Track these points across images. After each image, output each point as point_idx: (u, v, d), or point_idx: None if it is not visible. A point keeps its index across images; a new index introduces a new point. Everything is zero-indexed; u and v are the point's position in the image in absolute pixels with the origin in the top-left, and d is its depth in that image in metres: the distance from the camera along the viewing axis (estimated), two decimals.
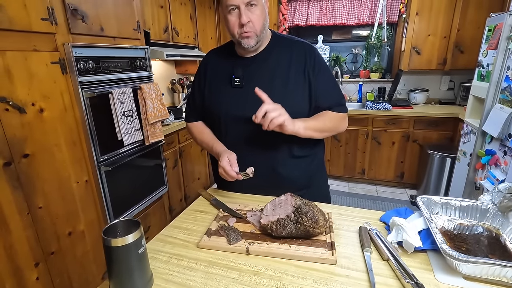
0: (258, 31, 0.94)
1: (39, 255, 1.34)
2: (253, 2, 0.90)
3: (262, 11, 0.94)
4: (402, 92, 3.36)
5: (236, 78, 1.01)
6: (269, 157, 1.01)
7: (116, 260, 0.58)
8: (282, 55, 1.02)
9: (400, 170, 3.05)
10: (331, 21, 3.33)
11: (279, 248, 0.73)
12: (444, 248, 0.63)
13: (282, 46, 1.03)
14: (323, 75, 1.02)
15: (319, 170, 1.15)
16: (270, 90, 0.96)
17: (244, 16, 0.90)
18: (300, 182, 1.06)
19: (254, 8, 0.91)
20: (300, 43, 1.05)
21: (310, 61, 1.01)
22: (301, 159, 1.05)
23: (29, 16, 1.22)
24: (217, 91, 1.05)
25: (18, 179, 1.23)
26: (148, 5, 2.33)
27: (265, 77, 1.00)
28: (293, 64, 1.00)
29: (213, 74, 1.08)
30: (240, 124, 1.00)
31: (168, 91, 3.15)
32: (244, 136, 1.01)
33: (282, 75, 1.00)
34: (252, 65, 1.01)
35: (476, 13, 2.65)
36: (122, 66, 1.73)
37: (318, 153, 1.12)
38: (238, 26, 0.92)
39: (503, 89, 1.71)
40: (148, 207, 2.06)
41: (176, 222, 0.90)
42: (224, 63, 1.06)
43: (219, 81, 1.05)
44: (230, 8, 0.91)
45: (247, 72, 1.01)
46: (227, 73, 1.03)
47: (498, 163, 1.71)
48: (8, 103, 1.17)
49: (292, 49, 1.02)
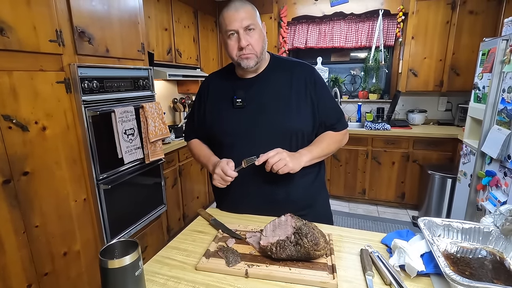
0: (258, 53, 0.97)
1: (32, 276, 1.30)
2: (251, 27, 0.94)
3: (260, 34, 0.97)
4: (400, 112, 3.40)
5: (238, 99, 1.02)
6: (271, 176, 1.01)
7: (112, 283, 0.56)
8: (283, 76, 1.04)
9: (401, 191, 3.02)
10: (329, 44, 3.44)
11: (278, 271, 0.72)
12: (448, 272, 0.61)
13: (282, 67, 1.06)
14: (324, 93, 1.05)
15: (321, 188, 1.15)
16: (273, 109, 0.99)
17: (243, 40, 0.93)
18: (302, 201, 1.05)
19: (252, 32, 0.95)
20: (299, 63, 1.08)
21: (310, 80, 1.03)
22: (303, 178, 1.04)
23: (38, 38, 1.27)
24: (218, 112, 1.07)
25: (16, 197, 1.22)
26: (153, 27, 2.42)
27: (267, 97, 1.02)
28: (294, 83, 1.02)
29: (214, 96, 1.10)
30: (242, 144, 1.01)
31: (169, 110, 3.19)
32: (245, 156, 1.01)
33: (283, 94, 1.02)
34: (253, 85, 1.04)
35: (469, 38, 2.74)
36: (126, 85, 1.76)
37: (320, 171, 1.12)
38: (237, 49, 0.96)
39: (499, 111, 1.73)
40: (145, 227, 2.03)
41: (174, 243, 0.88)
42: (225, 85, 1.08)
43: (220, 102, 1.07)
44: (230, 33, 0.94)
45: (248, 93, 1.03)
46: (228, 94, 1.05)
47: (499, 184, 1.71)
48: (12, 121, 1.19)
49: (292, 70, 1.05)
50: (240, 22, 0.92)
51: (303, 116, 1.01)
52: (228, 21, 0.94)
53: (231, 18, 0.93)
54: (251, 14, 0.95)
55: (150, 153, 1.89)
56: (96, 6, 1.54)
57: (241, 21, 0.92)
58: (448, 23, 2.78)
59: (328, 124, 1.05)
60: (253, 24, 0.94)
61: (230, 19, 0.93)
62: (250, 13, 0.94)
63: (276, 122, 0.99)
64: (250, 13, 0.94)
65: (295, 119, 0.99)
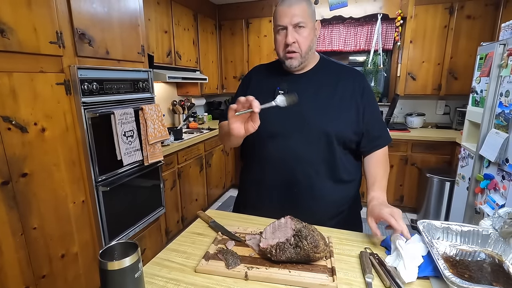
0: (303, 52, 0.95)
1: (30, 278, 1.29)
2: (301, 24, 0.91)
3: (310, 33, 0.94)
4: (399, 116, 3.42)
5: (280, 91, 1.00)
6: (304, 175, 0.98)
7: (112, 285, 0.56)
8: (329, 78, 1.02)
9: (400, 194, 3.03)
10: (328, 47, 3.46)
11: (278, 273, 0.72)
12: (447, 275, 0.62)
13: (330, 69, 1.04)
14: (371, 103, 1.02)
15: (357, 196, 1.12)
16: (312, 108, 0.96)
17: (290, 36, 0.92)
18: (336, 208, 1.03)
19: (302, 30, 0.92)
20: (349, 68, 1.06)
21: (359, 87, 1.00)
22: (344, 184, 1.02)
23: (38, 39, 1.27)
24: (258, 100, 1.05)
25: (15, 199, 1.22)
26: (153, 30, 2.43)
27: (309, 95, 0.98)
28: (339, 87, 0.99)
29: (257, 86, 1.07)
30: (278, 138, 0.98)
31: (168, 112, 3.19)
32: (281, 151, 0.98)
33: (326, 96, 0.99)
34: (297, 81, 1.01)
35: (467, 42, 2.76)
36: (125, 87, 1.76)
37: (360, 179, 1.10)
38: (283, 45, 0.94)
39: (497, 114, 1.74)
40: (144, 229, 2.02)
41: (174, 245, 0.88)
42: (270, 77, 1.06)
43: (262, 92, 1.02)
44: (279, 28, 0.94)
45: (292, 87, 1.00)
46: (272, 85, 1.03)
47: (497, 188, 1.71)
48: (11, 123, 1.18)
49: (340, 74, 1.03)
50: (290, 18, 0.90)
51: (343, 121, 0.97)
52: (279, 15, 0.92)
53: (282, 13, 0.91)
54: (303, 11, 0.91)
55: (149, 155, 1.89)
56: (96, 8, 1.54)
57: (292, 17, 0.90)
58: (446, 27, 2.80)
59: (371, 135, 1.01)
60: (303, 22, 0.91)
61: (281, 14, 0.92)
62: (303, 10, 0.91)
63: (313, 122, 0.96)
64: (303, 10, 0.91)
65: (334, 122, 0.96)
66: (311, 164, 0.98)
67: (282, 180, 1.00)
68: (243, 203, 1.14)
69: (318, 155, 0.97)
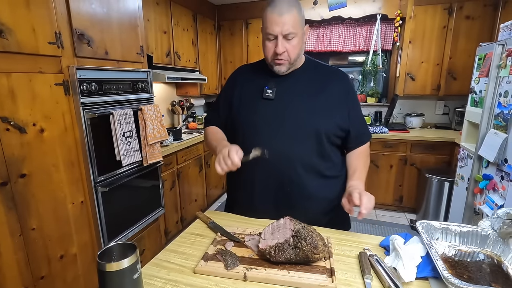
0: (292, 60, 0.97)
1: (28, 279, 1.29)
2: (291, 36, 0.92)
3: (299, 41, 0.95)
4: (398, 116, 3.42)
5: (269, 90, 1.01)
6: (296, 174, 0.99)
7: (110, 286, 0.56)
8: (316, 76, 1.04)
9: (399, 194, 3.03)
10: (328, 47, 3.46)
11: (277, 274, 0.72)
12: (446, 276, 0.62)
13: (316, 70, 1.07)
14: (355, 103, 1.06)
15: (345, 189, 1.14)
16: (301, 107, 0.98)
17: (280, 46, 0.92)
18: (327, 204, 1.04)
19: (292, 39, 0.93)
20: (334, 69, 1.09)
21: (344, 88, 1.04)
22: (331, 180, 1.04)
23: (37, 40, 1.27)
24: (247, 100, 1.06)
25: (13, 200, 1.21)
26: (152, 30, 2.43)
27: (297, 94, 1.01)
28: (326, 87, 1.02)
29: (244, 85, 1.08)
30: (266, 137, 0.99)
31: (168, 113, 3.19)
32: (271, 151, 0.97)
33: (314, 95, 1.01)
34: (285, 81, 1.02)
35: (466, 43, 2.77)
36: (124, 88, 1.76)
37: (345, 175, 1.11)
38: (273, 53, 0.95)
39: (496, 115, 1.75)
40: (143, 230, 2.01)
41: (173, 246, 0.88)
42: (257, 76, 1.07)
43: (250, 92, 1.05)
44: (269, 36, 0.94)
45: (279, 86, 1.02)
46: (259, 84, 1.04)
47: (496, 188, 1.72)
48: (10, 123, 1.18)
49: (326, 74, 1.06)
50: (281, 28, 0.90)
51: (331, 119, 1.00)
52: (269, 23, 0.91)
53: (273, 21, 0.90)
54: (294, 20, 0.91)
55: (148, 156, 1.88)
56: (95, 8, 1.54)
57: (283, 26, 0.90)
58: (445, 27, 2.81)
59: (356, 133, 1.05)
60: (294, 32, 0.91)
61: (271, 22, 0.91)
62: (293, 19, 0.90)
63: (302, 120, 0.98)
64: (293, 19, 0.90)
65: (321, 120, 0.98)
66: (302, 162, 0.99)
67: (273, 180, 1.00)
68: (238, 204, 1.14)
69: (308, 153, 0.98)
